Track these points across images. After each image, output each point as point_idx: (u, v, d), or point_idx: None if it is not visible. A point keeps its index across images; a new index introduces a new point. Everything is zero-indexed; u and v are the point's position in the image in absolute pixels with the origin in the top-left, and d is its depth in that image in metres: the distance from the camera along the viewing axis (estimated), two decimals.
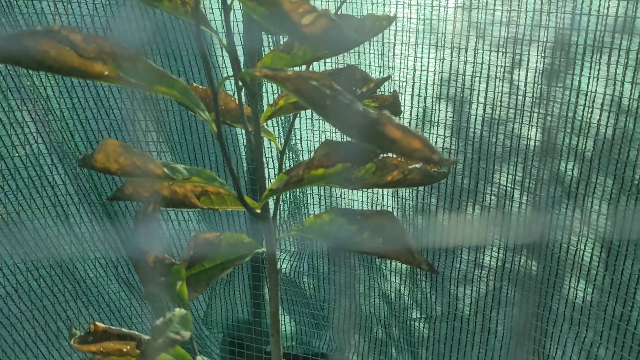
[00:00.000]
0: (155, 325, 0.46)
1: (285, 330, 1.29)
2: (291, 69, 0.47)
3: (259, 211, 0.57)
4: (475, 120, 0.93)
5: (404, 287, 1.11)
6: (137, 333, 0.55)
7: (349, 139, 0.43)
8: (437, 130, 0.97)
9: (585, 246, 0.86)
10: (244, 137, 1.06)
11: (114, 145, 0.50)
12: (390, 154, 0.53)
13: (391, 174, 0.54)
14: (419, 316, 1.11)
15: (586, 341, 0.88)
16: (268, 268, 0.58)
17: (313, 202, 1.16)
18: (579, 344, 0.89)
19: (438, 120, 0.97)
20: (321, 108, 0.38)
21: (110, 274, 1.22)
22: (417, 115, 0.98)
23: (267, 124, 0.63)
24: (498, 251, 0.97)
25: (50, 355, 1.17)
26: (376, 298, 1.18)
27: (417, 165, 0.52)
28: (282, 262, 1.25)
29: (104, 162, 0.51)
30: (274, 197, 0.57)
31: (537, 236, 0.92)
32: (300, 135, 1.11)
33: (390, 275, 1.14)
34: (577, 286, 0.88)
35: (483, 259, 0.98)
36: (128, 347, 0.54)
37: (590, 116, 0.80)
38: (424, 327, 1.10)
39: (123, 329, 0.55)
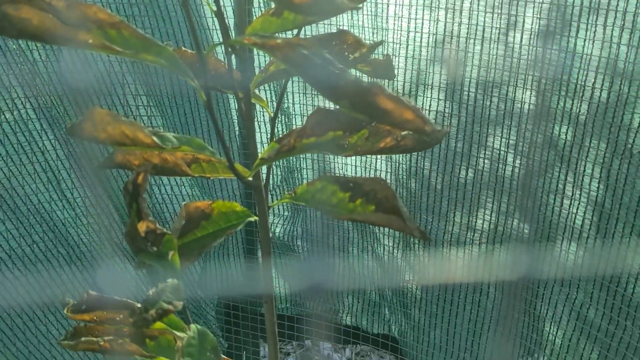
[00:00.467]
0: (148, 296, 0.46)
1: (280, 292, 1.30)
2: (281, 36, 0.46)
3: (250, 179, 0.57)
4: (470, 83, 0.92)
5: (397, 250, 1.12)
6: (130, 301, 0.55)
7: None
8: (431, 93, 0.96)
9: (577, 209, 0.86)
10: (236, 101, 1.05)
11: (101, 113, 0.49)
12: None
13: (384, 141, 0.53)
14: (412, 278, 1.12)
15: (576, 302, 0.89)
16: (260, 237, 0.58)
17: (306, 166, 1.15)
18: (569, 305, 0.90)
19: (432, 83, 0.96)
20: (311, 78, 0.37)
21: (104, 238, 1.22)
22: (411, 78, 0.97)
23: (258, 89, 0.62)
24: (491, 215, 0.97)
25: (46, 319, 1.18)
26: (369, 260, 1.18)
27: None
28: (276, 227, 1.25)
29: (92, 131, 0.50)
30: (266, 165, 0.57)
31: (529, 200, 0.92)
32: (293, 98, 1.10)
33: (384, 239, 1.14)
34: (568, 249, 0.89)
35: (476, 222, 0.99)
36: (121, 315, 0.54)
37: (585, 79, 0.79)
38: (416, 289, 1.11)
39: (116, 297, 0.55)
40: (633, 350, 0.82)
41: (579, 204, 0.86)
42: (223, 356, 0.56)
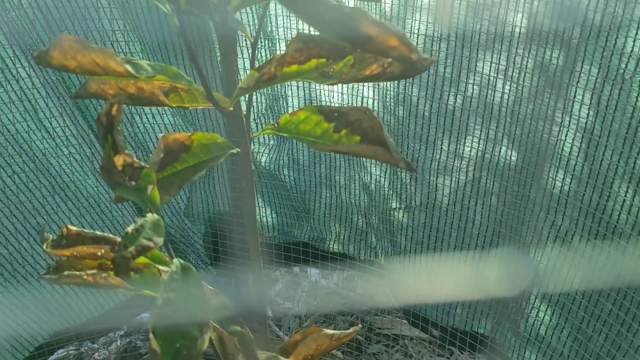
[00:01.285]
0: (127, 232, 0.45)
1: (267, 221, 1.30)
2: None
3: (231, 109, 0.55)
4: (460, 4, 0.89)
5: (384, 179, 1.12)
6: (111, 236, 0.54)
7: None
8: (420, 16, 0.93)
9: (566, 136, 0.85)
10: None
11: (69, 40, 0.46)
12: None
13: (370, 68, 0.51)
14: (398, 206, 1.12)
15: (562, 229, 0.90)
16: (241, 170, 0.56)
17: (292, 94, 1.12)
18: (555, 231, 0.91)
19: (421, 5, 0.92)
20: (290, 2, 0.34)
21: (87, 168, 1.20)
22: (399, 0, 0.93)
23: (239, 13, 0.58)
24: (478, 142, 0.96)
25: (32, 250, 1.17)
26: (356, 189, 1.18)
27: None
28: (262, 156, 1.24)
29: (61, 59, 0.47)
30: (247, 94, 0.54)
31: (518, 127, 0.91)
32: (277, 21, 1.06)
33: (371, 167, 1.13)
34: (555, 176, 0.88)
35: (463, 150, 0.98)
36: (102, 250, 0.53)
37: (579, 0, 0.76)
38: (403, 216, 1.12)
39: (97, 232, 0.54)
40: (615, 275, 0.83)
41: (567, 130, 0.84)
42: (209, 287, 0.56)
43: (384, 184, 1.12)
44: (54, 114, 1.12)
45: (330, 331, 0.63)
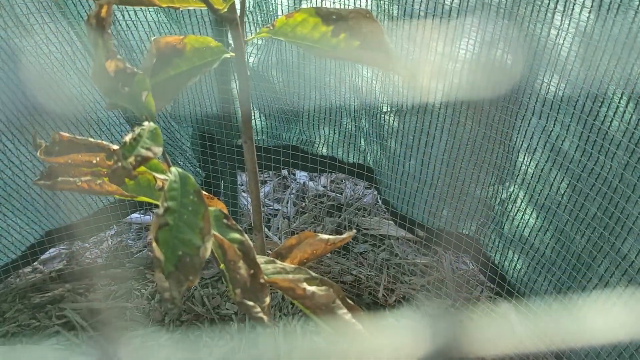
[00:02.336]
0: (124, 142, 0.44)
1: (255, 124, 1.29)
2: None
3: (225, 11, 0.52)
4: None
5: (375, 81, 1.10)
6: (105, 143, 0.53)
7: None
8: None
9: (564, 40, 0.83)
10: None
11: None
12: None
13: None
14: (389, 109, 1.11)
15: (552, 134, 0.90)
16: (237, 72, 0.54)
17: None
18: (545, 137, 0.91)
19: None
20: None
21: (69, 68, 1.16)
22: None
23: None
24: (474, 45, 0.94)
25: (17, 151, 1.16)
26: (347, 91, 1.16)
27: None
28: (250, 56, 1.20)
29: None
30: None
31: (515, 30, 0.89)
32: None
33: (362, 69, 1.11)
34: (550, 81, 0.87)
35: (458, 52, 0.96)
36: (98, 158, 0.52)
37: None
38: (393, 120, 1.11)
39: (90, 139, 0.52)
40: (602, 180, 0.85)
41: (566, 34, 0.83)
42: (204, 193, 0.56)
43: (375, 87, 1.10)
44: (30, 9, 1.06)
45: (325, 236, 0.64)
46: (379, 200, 1.41)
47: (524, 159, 0.96)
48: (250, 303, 0.47)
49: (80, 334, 1.23)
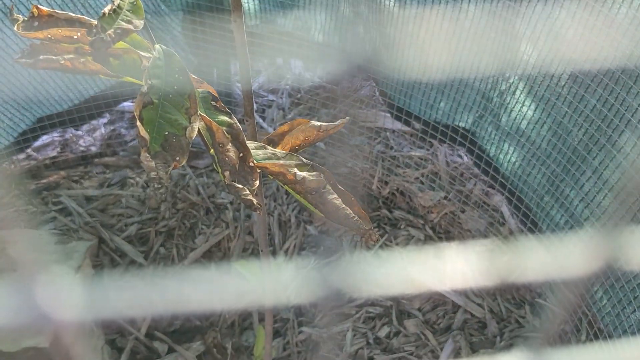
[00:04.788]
0: (103, 13, 0.41)
1: (248, 8, 1.23)
2: None
3: None
4: None
5: None
6: (86, 18, 0.50)
7: None
8: None
9: None
10: None
11: None
12: None
13: None
14: None
15: (557, 21, 0.86)
16: None
17: None
18: (550, 24, 0.88)
19: None
20: None
21: None
22: None
23: None
24: None
25: (2, 33, 1.12)
26: None
27: None
28: None
29: None
30: None
31: None
32: None
33: None
34: None
35: None
36: (78, 34, 0.49)
37: None
38: (394, 6, 1.06)
39: (71, 14, 0.50)
40: (604, 71, 0.82)
41: None
42: (192, 75, 0.54)
43: None
44: None
45: (317, 123, 0.63)
46: (377, 92, 1.39)
47: (525, 48, 0.93)
48: (239, 185, 0.46)
49: (76, 219, 1.25)
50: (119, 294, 0.32)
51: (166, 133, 0.43)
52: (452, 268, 1.16)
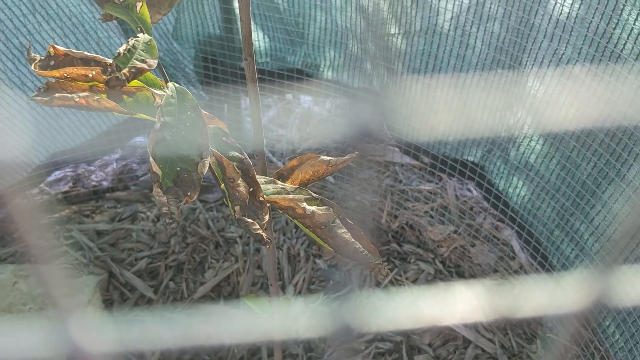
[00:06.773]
0: (118, 53, 0.42)
1: (259, 46, 1.26)
2: None
3: None
4: None
5: (383, 1, 1.06)
6: (101, 57, 0.51)
7: None
8: None
9: None
10: None
11: None
12: None
13: None
14: (396, 31, 1.08)
15: (563, 58, 0.88)
16: None
17: None
18: (556, 60, 0.89)
19: None
20: None
21: None
22: None
23: None
24: None
25: (18, 71, 1.14)
26: (353, 12, 1.13)
27: None
28: None
29: None
30: None
31: None
32: None
33: None
34: (563, 2, 0.84)
35: None
36: (94, 72, 0.51)
37: None
38: (401, 43, 1.08)
39: (86, 53, 0.51)
40: (612, 105, 0.83)
41: None
42: (204, 112, 0.55)
43: (382, 7, 1.07)
44: None
45: (327, 157, 0.63)
46: (385, 126, 1.40)
47: (533, 83, 0.94)
48: (249, 220, 0.47)
49: (87, 254, 1.25)
50: (128, 328, 0.32)
51: (178, 169, 0.43)
52: (462, 302, 1.15)
